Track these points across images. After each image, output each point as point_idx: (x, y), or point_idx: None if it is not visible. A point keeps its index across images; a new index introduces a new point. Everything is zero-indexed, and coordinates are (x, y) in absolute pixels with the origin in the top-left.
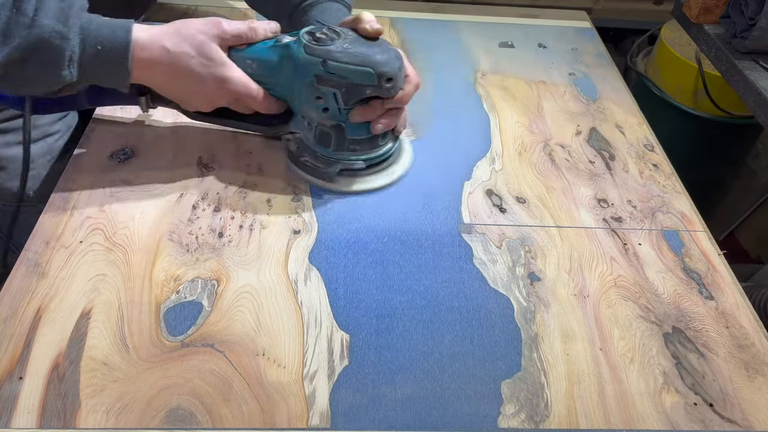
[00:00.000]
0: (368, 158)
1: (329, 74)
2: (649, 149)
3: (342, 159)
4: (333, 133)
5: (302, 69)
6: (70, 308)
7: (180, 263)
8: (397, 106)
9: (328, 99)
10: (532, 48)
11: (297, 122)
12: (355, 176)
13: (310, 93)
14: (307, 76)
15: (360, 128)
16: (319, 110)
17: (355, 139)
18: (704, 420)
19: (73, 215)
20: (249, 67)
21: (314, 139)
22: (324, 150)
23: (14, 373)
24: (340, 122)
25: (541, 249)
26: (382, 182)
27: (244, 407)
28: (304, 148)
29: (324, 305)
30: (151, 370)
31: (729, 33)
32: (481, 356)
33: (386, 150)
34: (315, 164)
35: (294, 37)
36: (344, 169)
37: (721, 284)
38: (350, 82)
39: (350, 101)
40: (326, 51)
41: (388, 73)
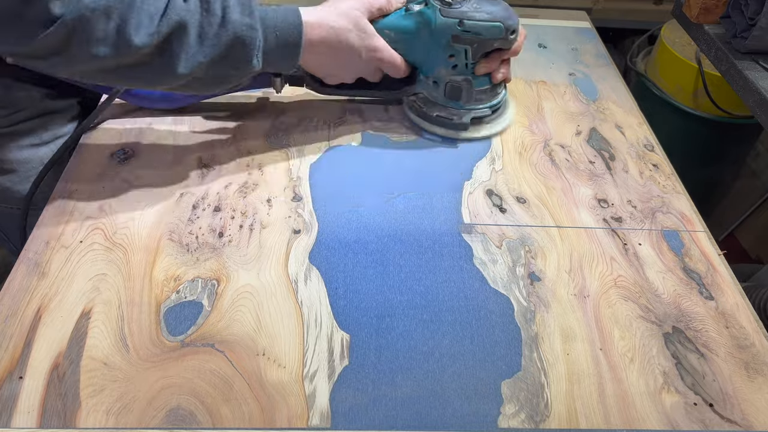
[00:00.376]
0: (492, 105)
1: (465, 33)
2: (649, 149)
3: (472, 109)
4: (463, 87)
5: (439, 31)
6: (70, 308)
7: (180, 263)
8: (512, 56)
9: (459, 56)
10: (532, 48)
11: (421, 83)
12: (480, 123)
13: (444, 52)
14: (444, 37)
15: (484, 80)
16: (449, 67)
17: (480, 90)
18: (704, 420)
19: (73, 215)
20: (387, 36)
21: (444, 95)
22: (455, 103)
23: (14, 372)
24: (467, 76)
25: (541, 249)
26: (503, 125)
27: (244, 407)
28: (432, 105)
29: (324, 305)
30: (151, 370)
31: (729, 33)
32: (481, 356)
33: (503, 96)
34: (448, 117)
35: (422, 4)
36: (474, 118)
37: (721, 284)
38: (482, 38)
39: (477, 56)
40: (461, 12)
41: (513, 25)
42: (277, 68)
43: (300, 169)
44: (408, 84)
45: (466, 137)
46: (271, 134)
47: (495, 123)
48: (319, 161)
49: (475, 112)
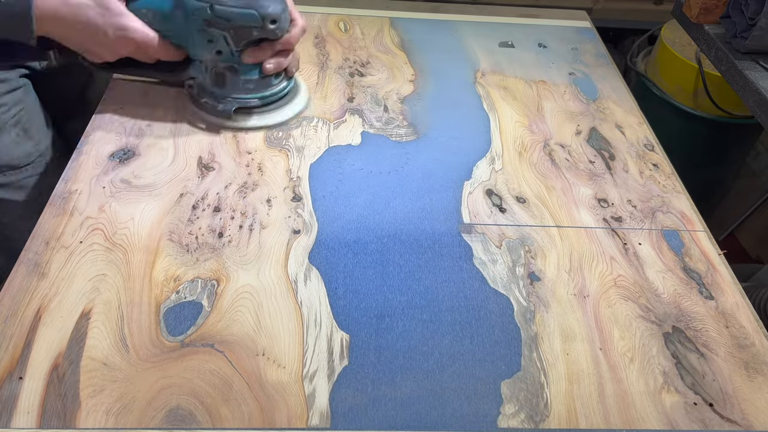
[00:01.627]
0: (262, 96)
1: (217, 18)
2: (649, 149)
3: (237, 97)
4: (228, 74)
5: (192, 14)
6: (70, 308)
7: (180, 263)
8: (285, 48)
9: (219, 42)
10: (532, 48)
11: (195, 67)
12: (251, 113)
13: (202, 37)
14: (197, 21)
15: (252, 69)
16: (213, 53)
17: (248, 79)
18: (704, 420)
19: (73, 215)
20: (145, 16)
21: (211, 81)
22: (220, 90)
23: (14, 373)
24: (233, 64)
25: (541, 249)
26: (277, 119)
27: (243, 407)
28: (202, 90)
29: (324, 305)
30: (151, 370)
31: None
32: (481, 356)
33: (280, 89)
34: (213, 103)
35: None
36: (240, 107)
37: (721, 284)
38: (237, 25)
39: (240, 43)
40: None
41: (272, 14)
42: (13, 36)
43: (300, 169)
44: (184, 67)
45: (233, 126)
46: (271, 134)
47: (268, 115)
48: (319, 161)
49: (241, 101)
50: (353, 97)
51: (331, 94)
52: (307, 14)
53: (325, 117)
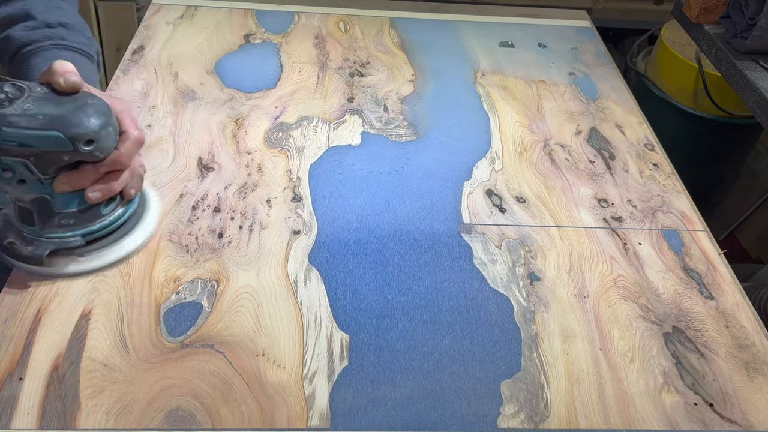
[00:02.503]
0: (88, 232)
1: (7, 143)
2: (649, 149)
3: (53, 237)
4: (35, 208)
5: None
6: (70, 309)
7: (180, 264)
8: (114, 168)
9: (19, 171)
10: (532, 48)
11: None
12: (74, 254)
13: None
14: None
15: (71, 198)
16: (13, 183)
17: (67, 213)
18: (704, 420)
19: None
20: None
21: (17, 217)
22: (29, 229)
23: (14, 374)
24: (44, 194)
25: (541, 249)
26: (109, 259)
27: (243, 408)
28: (9, 226)
29: (324, 305)
30: (151, 371)
31: (729, 33)
32: (481, 356)
33: (113, 219)
34: (21, 245)
35: None
36: (57, 249)
37: (721, 284)
38: (38, 150)
39: (49, 170)
40: (1, 115)
41: (84, 135)
42: None
43: (300, 169)
44: None
45: (51, 273)
46: (270, 134)
47: (96, 255)
48: (319, 161)
49: (58, 242)
50: (353, 97)
51: (331, 95)
52: (307, 14)
53: (325, 117)
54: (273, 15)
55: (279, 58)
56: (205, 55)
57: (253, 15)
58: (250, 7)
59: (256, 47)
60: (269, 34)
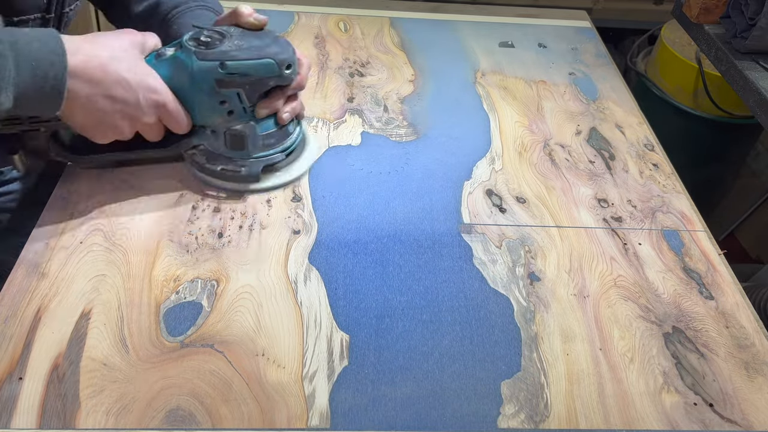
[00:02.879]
0: (285, 149)
1: (230, 75)
2: (649, 149)
3: (261, 157)
4: (245, 134)
5: (199, 77)
6: (69, 309)
7: (180, 263)
8: (297, 90)
9: (232, 101)
10: (532, 48)
11: (199, 133)
12: (274, 170)
13: (212, 99)
14: (206, 83)
15: (269, 121)
16: (225, 114)
17: (267, 134)
18: (704, 420)
19: (73, 216)
20: None
21: (225, 146)
22: (240, 153)
23: (14, 373)
24: (249, 121)
25: (541, 249)
26: (302, 168)
27: (243, 407)
28: (215, 157)
29: (324, 305)
30: (151, 371)
31: (729, 33)
32: (481, 356)
33: (297, 136)
34: (234, 170)
35: (175, 47)
36: (266, 165)
37: (721, 284)
38: (253, 78)
39: (254, 97)
40: (221, 52)
41: (287, 59)
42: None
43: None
44: (183, 136)
45: (259, 188)
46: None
47: (291, 167)
48: (319, 161)
49: (266, 159)
50: (353, 97)
51: (331, 94)
52: (307, 14)
53: (325, 117)
54: (273, 15)
55: None
56: None
57: None
58: None
59: None
60: None
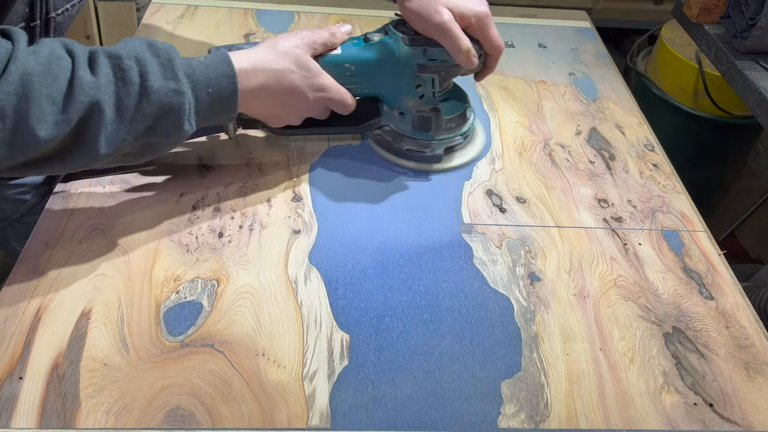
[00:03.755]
0: (464, 132)
1: (432, 61)
2: (649, 149)
3: (443, 139)
4: (432, 117)
5: (404, 61)
6: (69, 308)
7: (180, 263)
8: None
9: (426, 85)
10: (532, 48)
11: (387, 115)
12: (452, 152)
13: (410, 83)
14: (409, 67)
15: (452, 107)
16: (417, 98)
17: (450, 118)
18: (704, 420)
19: (72, 215)
20: (347, 70)
21: (413, 127)
22: (425, 135)
23: (14, 373)
24: (435, 105)
25: (541, 249)
26: (476, 150)
27: (243, 407)
28: (401, 138)
29: (324, 305)
30: (151, 371)
31: (729, 33)
32: (481, 356)
33: (472, 120)
34: (419, 149)
35: (381, 33)
36: (448, 147)
37: (721, 284)
38: (449, 65)
39: (444, 83)
40: (425, 39)
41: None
42: (214, 123)
43: (300, 169)
44: (371, 117)
45: (439, 168)
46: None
47: (467, 149)
48: (319, 161)
49: (447, 141)
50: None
51: None
52: (307, 14)
53: None
54: (273, 14)
55: None
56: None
57: (253, 14)
58: (250, 7)
59: None
60: (269, 33)
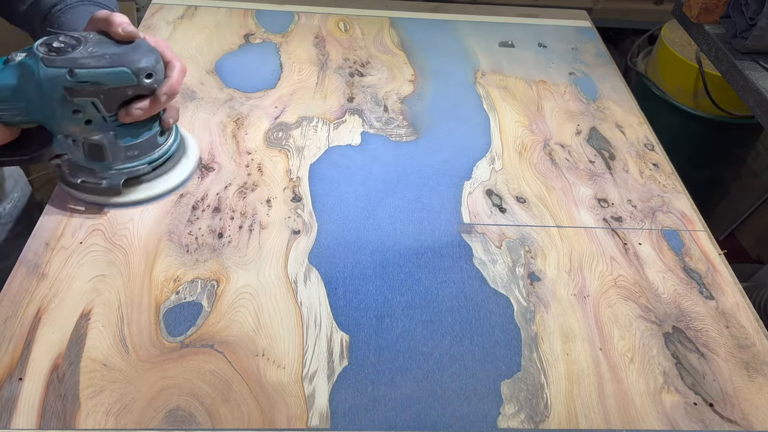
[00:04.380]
0: (152, 160)
1: (80, 83)
2: (650, 149)
3: (123, 168)
4: (104, 144)
5: (47, 84)
6: (69, 309)
7: (180, 264)
8: (170, 93)
9: (87, 110)
10: (532, 48)
11: (59, 142)
12: (141, 182)
13: (64, 108)
14: (55, 91)
15: (132, 131)
16: (81, 124)
17: (130, 145)
18: (704, 420)
19: (72, 216)
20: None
21: (85, 156)
22: (100, 165)
23: (14, 374)
24: (109, 130)
25: (541, 249)
26: (175, 181)
27: (243, 408)
28: (77, 168)
29: (324, 305)
30: (151, 371)
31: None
32: (481, 356)
33: (168, 147)
34: (95, 182)
35: (27, 52)
36: (129, 178)
37: (721, 284)
38: (106, 87)
39: (113, 106)
40: (71, 59)
41: (146, 68)
42: None
43: (300, 169)
44: (42, 146)
45: (121, 202)
46: (270, 134)
47: (160, 180)
48: (319, 161)
49: (128, 171)
50: (353, 97)
51: (331, 94)
52: (307, 14)
53: (325, 117)
54: (273, 15)
55: (279, 58)
56: (205, 55)
57: (253, 15)
58: (250, 7)
59: (256, 47)
60: (269, 33)
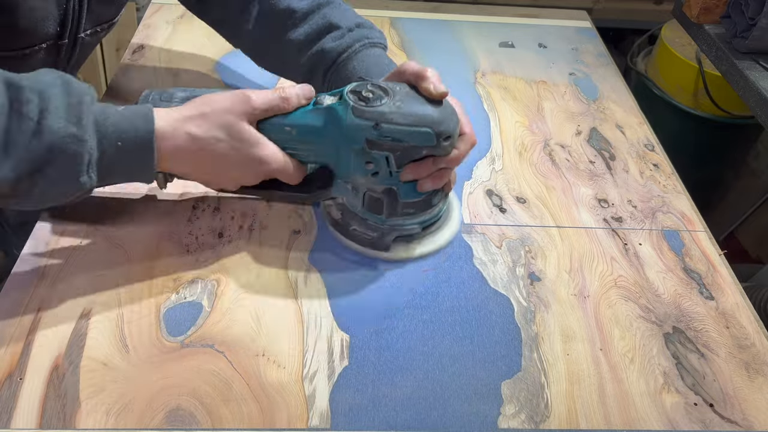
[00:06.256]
0: (424, 221)
1: (383, 138)
2: (650, 149)
3: (396, 225)
4: (385, 198)
5: (351, 134)
6: (69, 309)
7: (180, 264)
8: (452, 165)
9: (378, 163)
10: (532, 48)
11: (338, 187)
12: (409, 241)
13: (359, 158)
14: (356, 142)
15: (413, 190)
16: (368, 175)
17: (408, 203)
18: (704, 420)
19: (72, 216)
20: (288, 134)
21: (363, 206)
22: (375, 217)
23: (14, 373)
24: (392, 186)
25: (541, 249)
26: (437, 243)
27: (243, 408)
28: (350, 215)
29: (324, 305)
30: (151, 371)
31: (729, 33)
32: (481, 356)
33: (439, 210)
34: (366, 233)
35: (335, 96)
36: (400, 236)
37: (721, 284)
38: (405, 145)
39: (404, 163)
40: (378, 113)
41: (446, 131)
42: (126, 180)
43: None
44: (323, 186)
45: (388, 258)
46: None
47: (427, 241)
48: None
49: (401, 229)
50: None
51: None
52: None
53: None
54: None
55: None
56: (205, 55)
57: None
58: None
59: None
60: None
